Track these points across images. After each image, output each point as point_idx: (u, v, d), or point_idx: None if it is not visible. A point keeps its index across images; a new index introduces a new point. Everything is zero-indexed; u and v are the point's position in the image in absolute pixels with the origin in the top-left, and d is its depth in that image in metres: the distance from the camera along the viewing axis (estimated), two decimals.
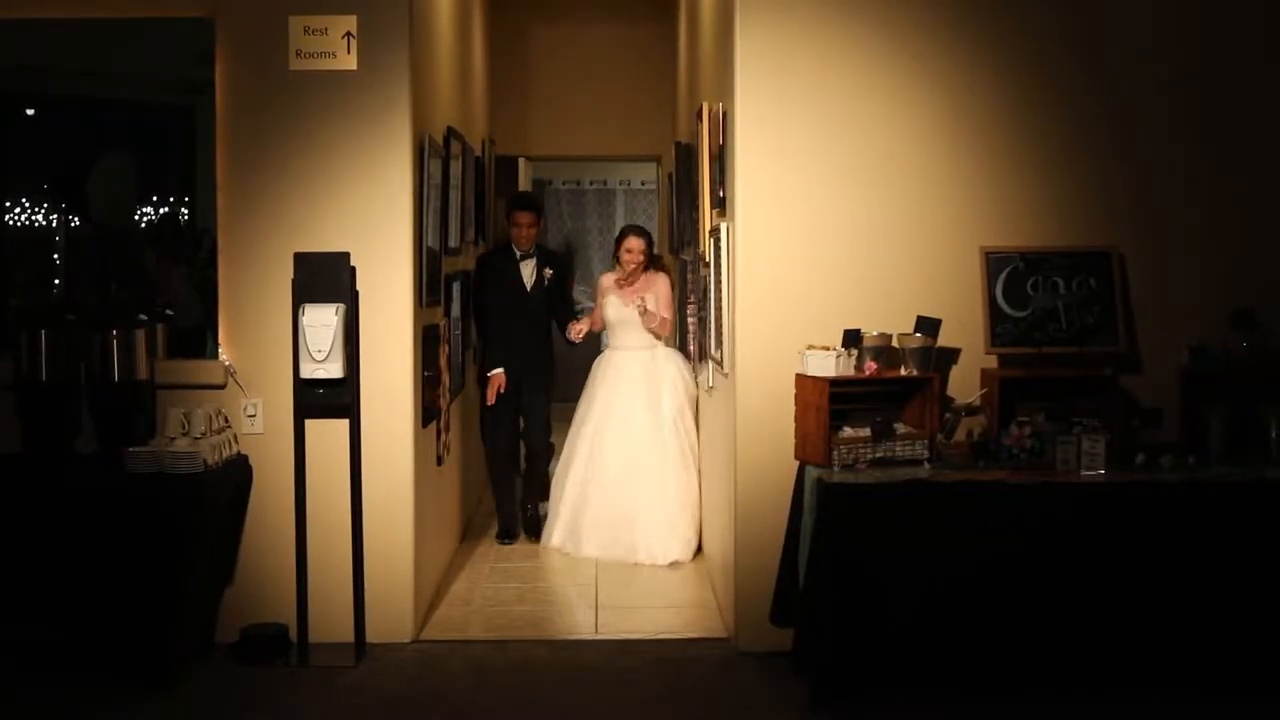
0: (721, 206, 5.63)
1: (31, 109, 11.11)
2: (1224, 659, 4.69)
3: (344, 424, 5.32)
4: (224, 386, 5.37)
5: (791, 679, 4.86)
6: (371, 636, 5.38)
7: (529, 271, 7.20)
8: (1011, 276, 5.19)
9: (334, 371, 5.20)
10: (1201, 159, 5.33)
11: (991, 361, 5.21)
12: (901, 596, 4.64)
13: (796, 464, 5.06)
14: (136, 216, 11.07)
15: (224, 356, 5.38)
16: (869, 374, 5.00)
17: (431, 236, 5.80)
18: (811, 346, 5.02)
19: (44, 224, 11.11)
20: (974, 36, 5.28)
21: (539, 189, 14.17)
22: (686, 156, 7.05)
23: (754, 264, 5.25)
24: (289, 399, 5.30)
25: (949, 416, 5.12)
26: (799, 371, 5.05)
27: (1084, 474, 4.75)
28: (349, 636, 5.34)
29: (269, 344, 5.35)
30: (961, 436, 5.09)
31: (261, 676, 5.08)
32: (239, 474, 5.30)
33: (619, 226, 15.77)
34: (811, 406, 4.93)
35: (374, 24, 5.33)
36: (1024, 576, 4.65)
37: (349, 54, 5.33)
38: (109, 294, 9.20)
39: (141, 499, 4.83)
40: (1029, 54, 5.29)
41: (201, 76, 5.55)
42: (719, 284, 5.57)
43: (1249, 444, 5.03)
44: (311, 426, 5.31)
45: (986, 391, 5.10)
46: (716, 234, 5.62)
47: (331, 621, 5.33)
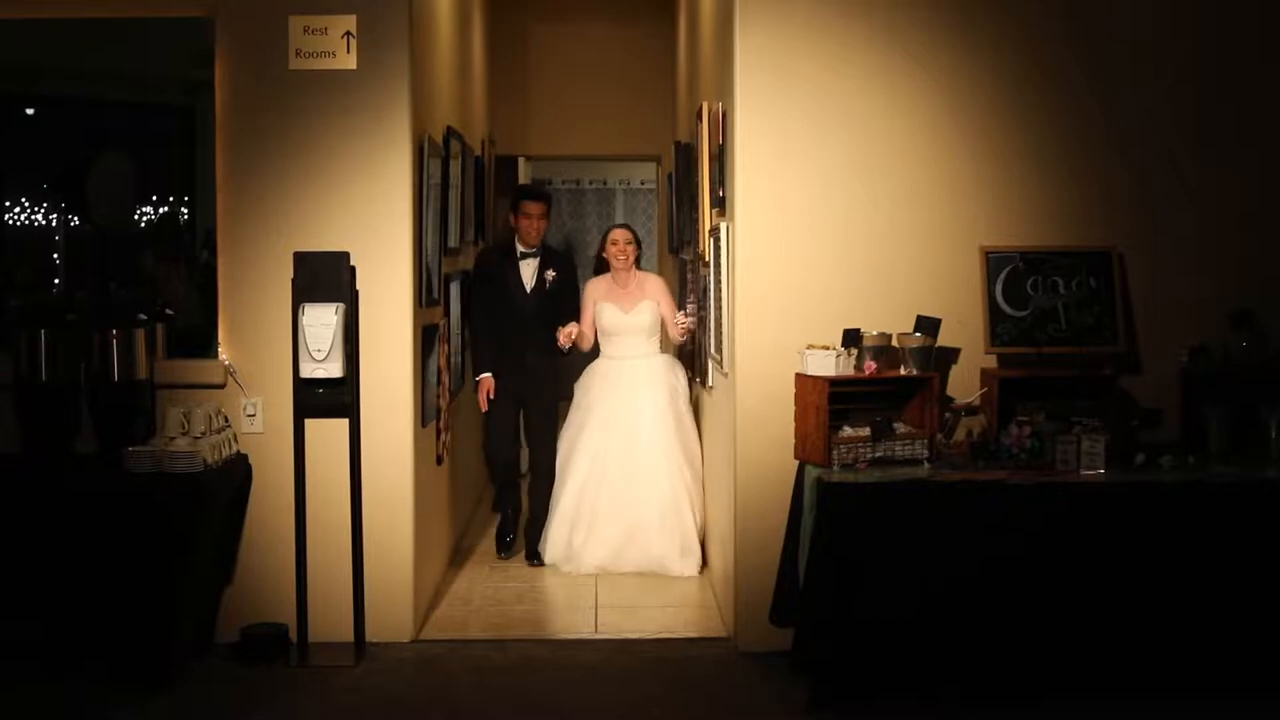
0: (721, 206, 5.63)
1: (31, 109, 11.12)
2: (1223, 658, 4.68)
3: (344, 423, 5.33)
4: (224, 386, 5.37)
5: (791, 679, 4.86)
6: (371, 636, 5.39)
7: (530, 273, 6.70)
8: (1011, 276, 5.19)
9: (334, 371, 5.20)
10: (1202, 159, 5.33)
11: (991, 361, 5.21)
12: (901, 596, 4.64)
13: (796, 464, 5.06)
14: (136, 216, 11.08)
15: (224, 356, 5.38)
16: (869, 374, 5.00)
17: (431, 236, 5.80)
18: (811, 346, 5.02)
19: (44, 224, 11.12)
20: (973, 36, 5.28)
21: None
22: (686, 156, 7.05)
23: (754, 264, 5.25)
24: (289, 398, 5.30)
25: (949, 416, 5.12)
26: (799, 371, 5.05)
27: (1084, 474, 4.75)
28: (349, 636, 5.34)
29: (269, 343, 5.35)
30: (961, 436, 5.09)
31: (261, 676, 5.08)
32: (239, 474, 5.30)
33: None
34: (811, 406, 4.93)
35: (374, 24, 5.33)
36: (1024, 577, 4.65)
37: (349, 54, 5.33)
38: (109, 294, 9.21)
39: (141, 499, 4.82)
40: (1029, 54, 5.29)
41: (201, 76, 5.55)
42: (719, 284, 5.57)
43: (1249, 444, 5.03)
44: (311, 426, 5.31)
45: (986, 391, 5.11)
46: (716, 234, 5.62)
47: (331, 621, 5.33)
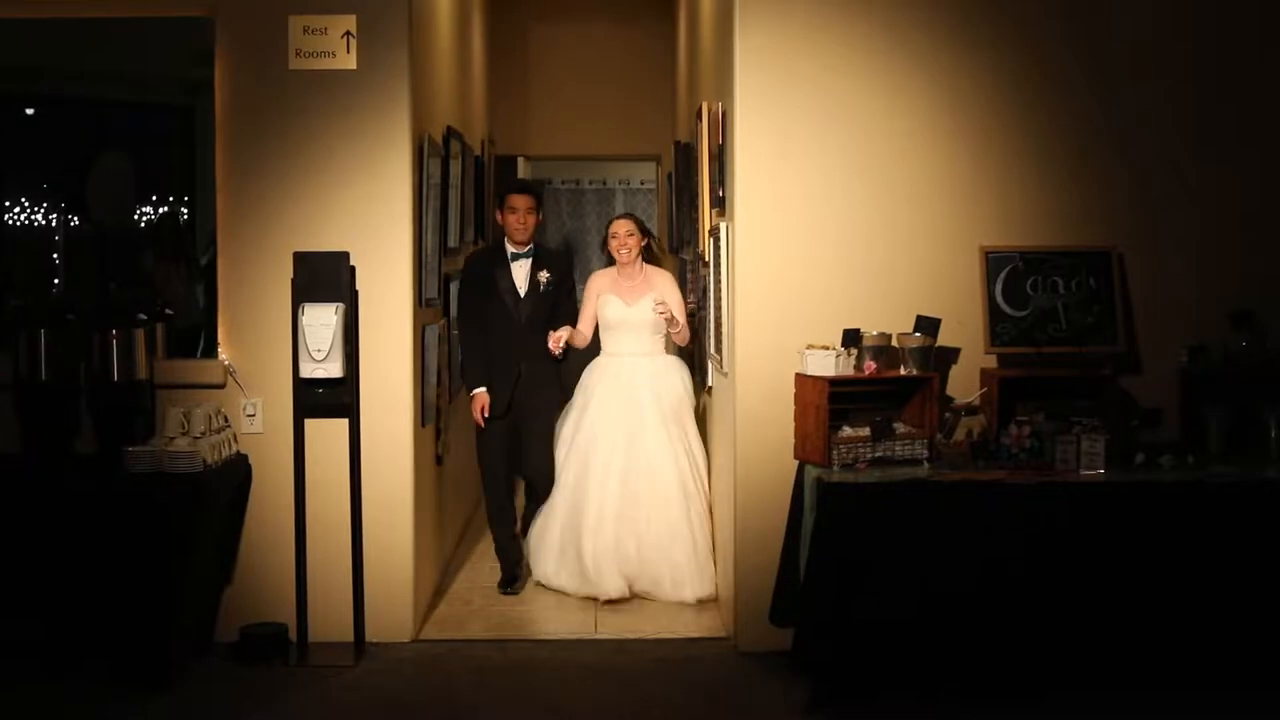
0: (721, 206, 5.63)
1: (31, 108, 11.11)
2: (1223, 658, 4.68)
3: (343, 423, 5.33)
4: (223, 386, 5.37)
5: (791, 679, 4.86)
6: (371, 636, 5.39)
7: (522, 275, 6.19)
8: (1011, 276, 5.19)
9: (333, 371, 5.21)
10: (1202, 159, 5.33)
11: (991, 361, 5.21)
12: (901, 596, 4.64)
13: (796, 464, 5.06)
14: (136, 216, 11.07)
15: (223, 356, 5.38)
16: (868, 373, 4.99)
17: (431, 236, 5.80)
18: (811, 346, 5.02)
19: (43, 224, 11.11)
20: (974, 36, 5.28)
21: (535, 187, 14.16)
22: (686, 156, 7.04)
23: (753, 263, 5.25)
24: (289, 398, 5.31)
25: (948, 416, 5.12)
26: (798, 371, 5.05)
27: (1083, 474, 4.75)
28: (348, 636, 5.34)
29: (269, 343, 5.35)
30: (961, 436, 5.09)
31: (261, 676, 5.08)
32: (238, 473, 5.30)
33: None
34: (811, 406, 4.93)
35: (373, 23, 5.33)
36: (1023, 576, 4.65)
37: (348, 53, 5.33)
38: (108, 293, 9.21)
39: (141, 499, 4.82)
40: (1029, 54, 5.29)
41: (201, 76, 5.55)
42: (718, 283, 5.56)
43: (1248, 444, 5.03)
44: (311, 426, 5.31)
45: (986, 391, 5.10)
46: (716, 234, 5.62)
47: (331, 621, 5.34)
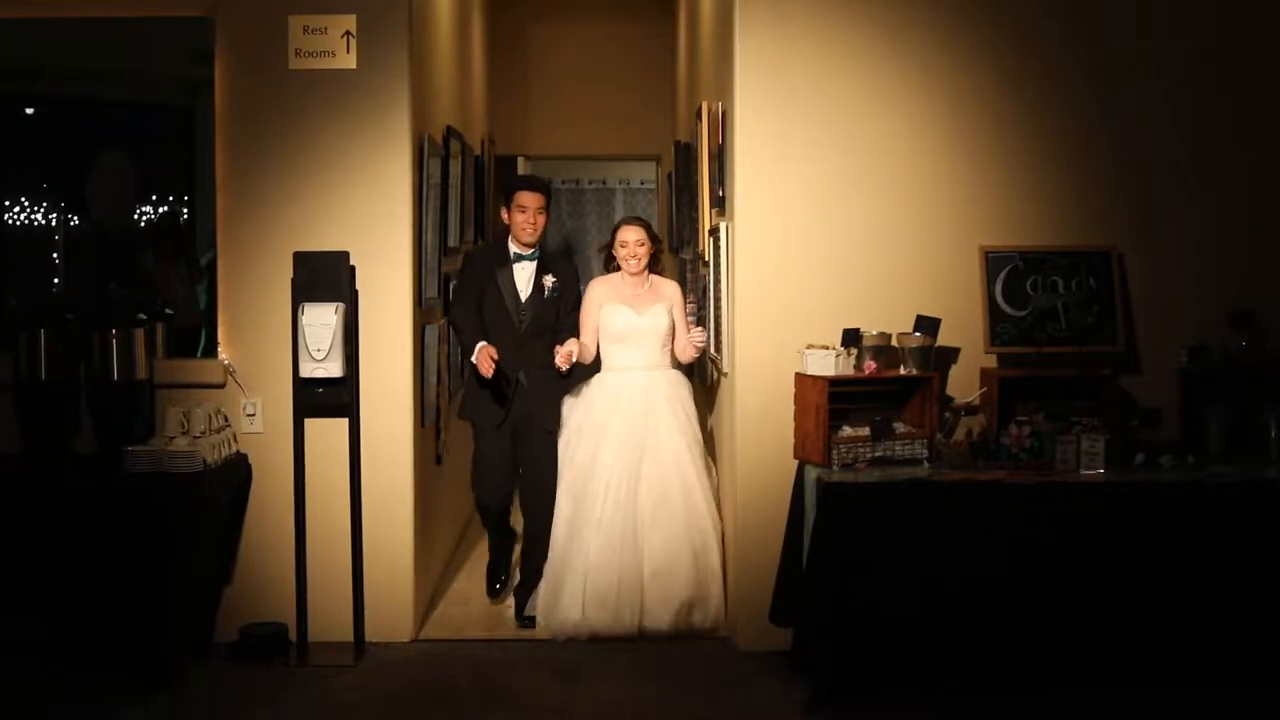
0: (721, 206, 5.63)
1: (31, 108, 11.11)
2: (1223, 658, 4.69)
3: (343, 423, 5.33)
4: (223, 386, 5.37)
5: (791, 679, 4.86)
6: (371, 636, 5.39)
7: (525, 278, 5.65)
8: (1011, 276, 5.19)
9: (333, 371, 5.20)
10: (1201, 159, 5.33)
11: (991, 361, 5.21)
12: (901, 596, 4.64)
13: (796, 463, 5.06)
14: (136, 216, 11.07)
15: (223, 355, 5.38)
16: (868, 373, 5.00)
17: (431, 236, 5.80)
18: (811, 346, 5.02)
19: (43, 223, 11.11)
20: (973, 36, 5.28)
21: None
22: (686, 156, 7.04)
23: (753, 263, 5.25)
24: (288, 398, 5.31)
25: (948, 416, 5.12)
26: (798, 371, 5.05)
27: (1083, 474, 4.75)
28: (348, 636, 5.34)
29: (269, 343, 5.35)
30: (961, 436, 5.09)
31: (261, 676, 5.08)
32: (238, 473, 5.30)
33: None
34: (811, 406, 4.93)
35: (373, 23, 5.33)
36: (1023, 576, 4.65)
37: (348, 53, 5.33)
38: (108, 293, 9.21)
39: (141, 498, 4.82)
40: (1029, 54, 5.29)
41: (201, 76, 5.55)
42: (718, 283, 5.56)
43: (1248, 444, 5.04)
44: (311, 426, 5.31)
45: (986, 391, 5.10)
46: (716, 233, 5.62)
47: (331, 621, 5.34)
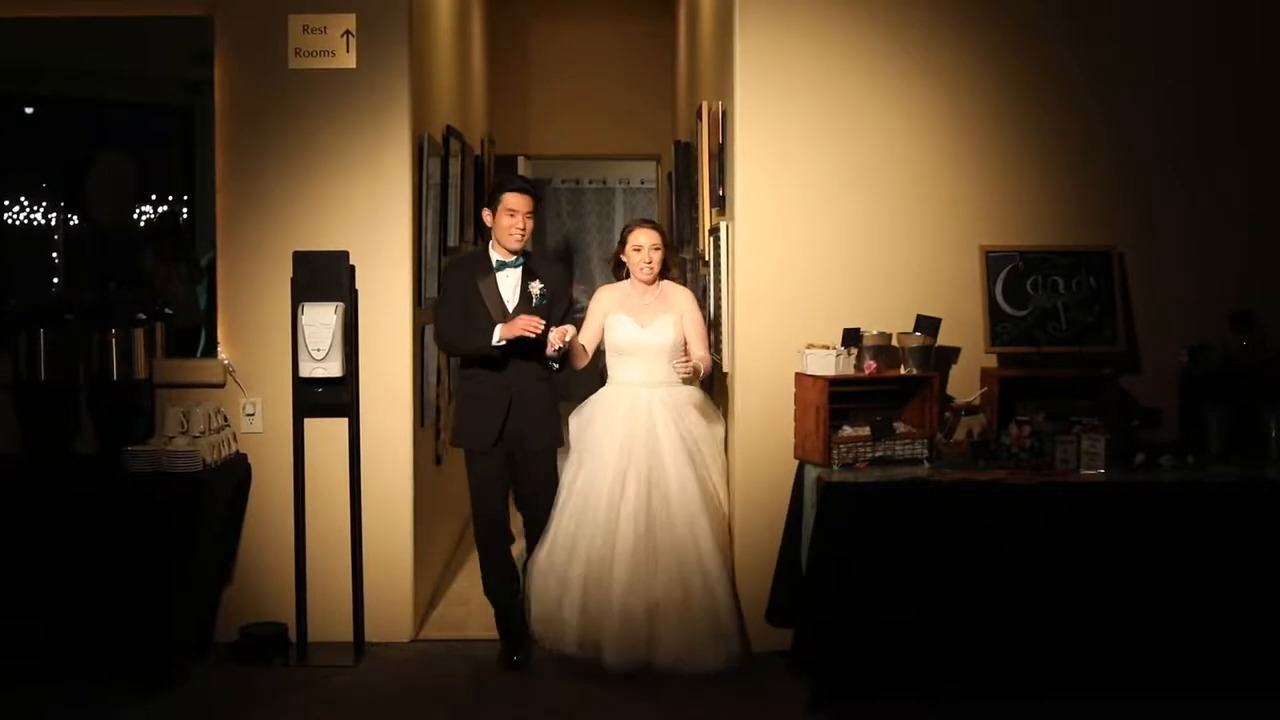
0: (721, 205, 5.63)
1: (31, 108, 11.11)
2: (1223, 658, 4.68)
3: (343, 423, 5.32)
4: (223, 385, 5.37)
5: (791, 679, 4.86)
6: (371, 636, 5.38)
7: (510, 286, 5.17)
8: (1011, 275, 5.18)
9: (333, 370, 5.20)
10: (1201, 158, 5.33)
11: (991, 361, 5.20)
12: (901, 596, 4.63)
13: (796, 463, 5.05)
14: (136, 215, 11.08)
15: (223, 355, 5.37)
16: (869, 373, 4.99)
17: (430, 236, 5.80)
18: (811, 345, 5.02)
19: (43, 223, 11.12)
20: (974, 35, 5.28)
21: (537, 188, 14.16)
22: (686, 155, 7.04)
23: (753, 263, 5.24)
24: (288, 398, 5.30)
25: (949, 416, 5.12)
26: (798, 370, 5.05)
27: (1084, 473, 4.75)
28: (348, 636, 5.34)
29: (268, 343, 5.35)
30: (961, 436, 5.09)
31: (260, 676, 5.08)
32: (238, 473, 5.30)
33: (619, 226, 15.44)
34: (811, 405, 4.92)
35: (373, 22, 5.33)
36: (1023, 576, 4.64)
37: (348, 52, 5.32)
38: (108, 293, 9.20)
39: (140, 498, 4.82)
40: (1029, 53, 5.29)
41: (200, 75, 5.54)
42: (718, 283, 5.56)
43: (1248, 444, 5.03)
44: (311, 425, 5.31)
45: (986, 391, 5.10)
46: (716, 233, 5.62)
47: (330, 621, 5.33)
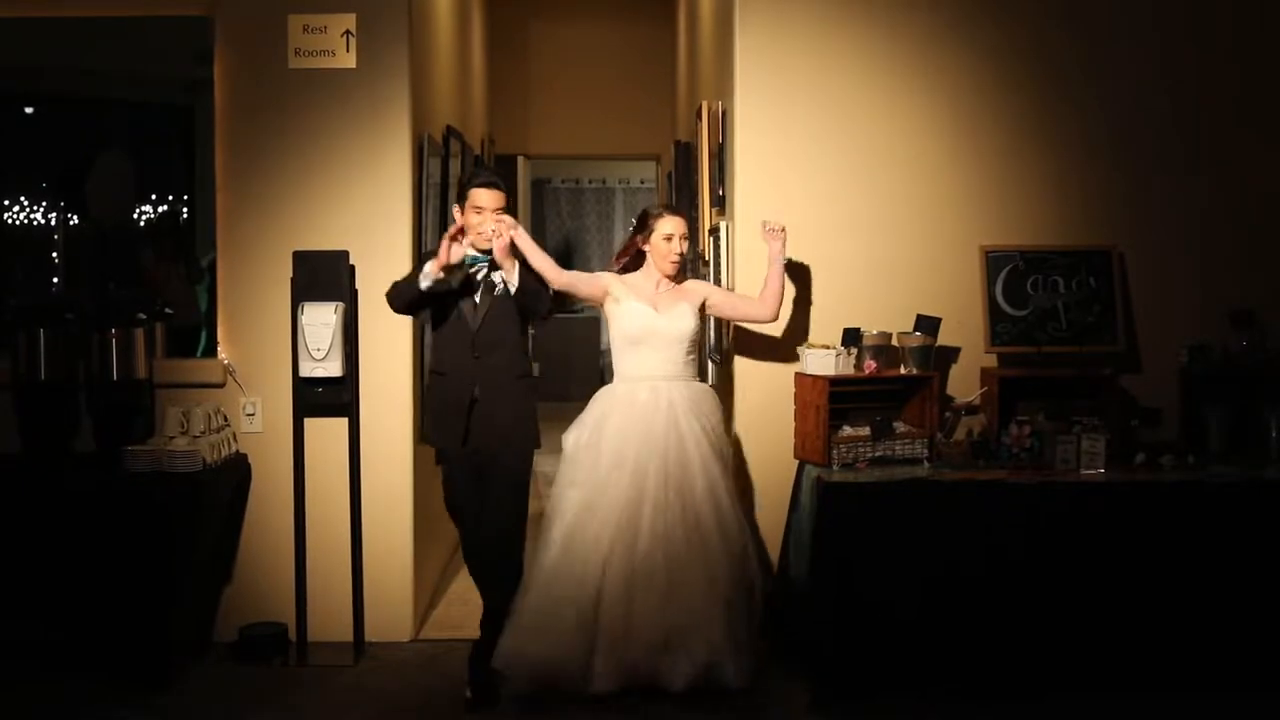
0: (721, 205, 5.63)
1: (30, 108, 11.12)
2: (1223, 658, 4.68)
3: (343, 423, 5.32)
4: (223, 385, 5.37)
5: (792, 679, 4.86)
6: (370, 635, 5.38)
7: (478, 279, 4.71)
8: (1011, 275, 5.18)
9: (333, 370, 5.20)
10: (1202, 158, 5.33)
11: (991, 361, 5.20)
12: (901, 596, 4.63)
13: (796, 463, 5.05)
14: (135, 215, 11.08)
15: (223, 355, 5.37)
16: (868, 373, 4.99)
17: (431, 235, 5.80)
18: (811, 345, 5.02)
19: (43, 223, 11.12)
20: (973, 35, 5.28)
21: (539, 188, 14.15)
22: (686, 155, 7.04)
23: (753, 262, 5.23)
24: (288, 398, 5.30)
25: (949, 415, 5.12)
26: (798, 370, 5.05)
27: (1084, 473, 4.75)
28: (348, 636, 5.33)
29: (268, 343, 5.35)
30: (961, 435, 5.08)
31: (260, 675, 5.08)
32: (238, 473, 5.30)
33: (619, 226, 15.41)
34: (811, 405, 4.92)
35: (373, 22, 5.33)
36: (1024, 576, 4.64)
37: (348, 52, 5.32)
38: (108, 293, 9.20)
39: (140, 498, 4.81)
40: (1029, 52, 5.29)
41: (201, 75, 5.54)
42: (718, 283, 5.56)
43: (1248, 444, 5.03)
44: (311, 425, 5.31)
45: (986, 390, 5.10)
46: (716, 233, 5.62)
47: (330, 620, 5.33)
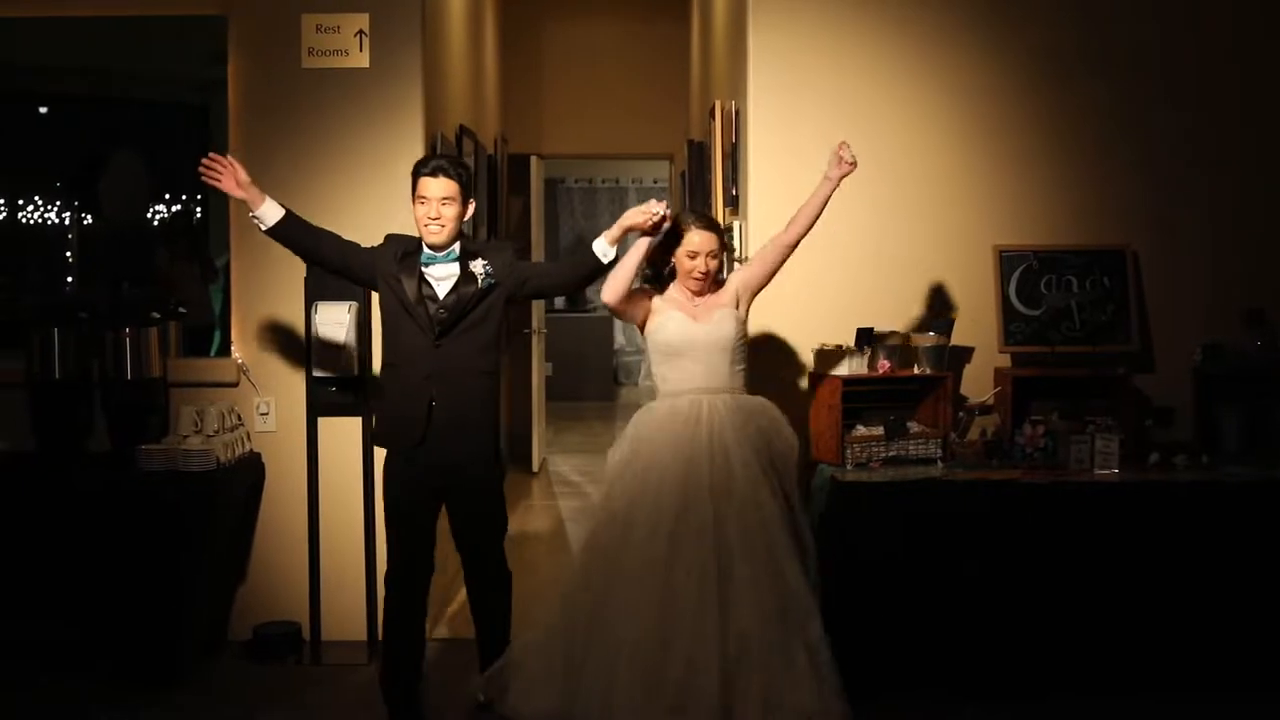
0: (734, 204, 5.62)
1: (45, 107, 11.15)
2: (1237, 659, 4.67)
3: (357, 422, 5.32)
4: (237, 384, 5.38)
5: None
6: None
7: (445, 288, 4.28)
8: (1025, 275, 5.17)
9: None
10: (1215, 158, 5.31)
11: (1005, 360, 5.19)
12: (914, 595, 4.63)
13: (809, 463, 5.04)
14: (149, 215, 11.09)
15: (237, 354, 5.38)
16: (882, 373, 4.98)
17: None
18: (825, 345, 5.01)
19: (56, 222, 11.14)
20: (987, 35, 5.27)
21: (552, 188, 14.15)
22: (699, 155, 7.04)
23: None
24: (302, 397, 5.31)
25: (962, 415, 5.11)
26: (812, 370, 5.04)
27: (1097, 473, 4.74)
28: (361, 634, 5.34)
29: (282, 342, 5.35)
30: (975, 435, 5.08)
31: (274, 674, 5.09)
32: (251, 472, 5.31)
33: None
34: (824, 405, 4.91)
35: (386, 22, 5.34)
36: (1037, 576, 4.64)
37: (361, 52, 5.33)
38: (121, 292, 9.21)
39: (154, 497, 4.83)
40: (1043, 52, 5.28)
41: (214, 75, 5.56)
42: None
43: (1263, 443, 5.02)
44: (324, 425, 5.31)
45: (1000, 390, 5.09)
46: (729, 232, 5.61)
47: (344, 619, 5.34)
